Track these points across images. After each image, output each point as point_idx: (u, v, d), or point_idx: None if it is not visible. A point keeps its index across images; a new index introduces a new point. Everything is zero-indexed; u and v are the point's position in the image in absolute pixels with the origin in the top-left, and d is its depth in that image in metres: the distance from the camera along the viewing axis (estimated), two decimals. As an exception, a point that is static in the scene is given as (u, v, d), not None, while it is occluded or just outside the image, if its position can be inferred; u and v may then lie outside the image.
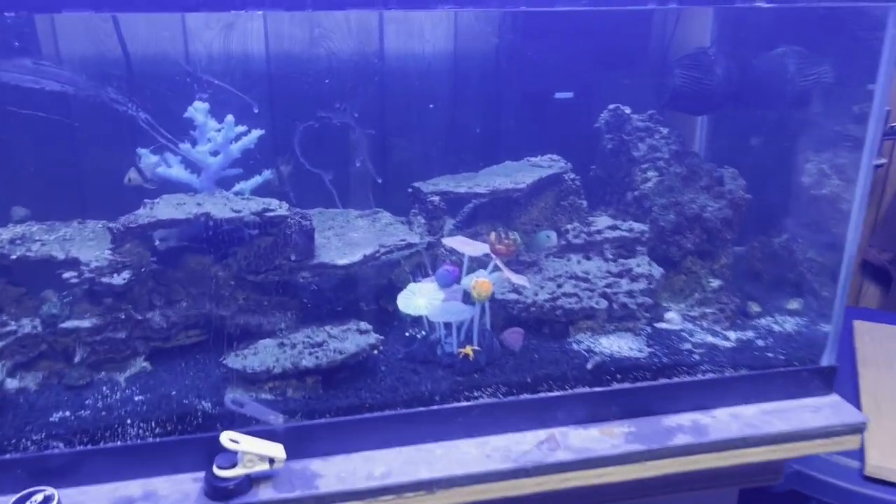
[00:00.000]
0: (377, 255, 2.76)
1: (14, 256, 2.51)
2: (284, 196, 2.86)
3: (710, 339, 2.88)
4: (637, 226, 2.98)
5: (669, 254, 3.08)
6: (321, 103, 3.07)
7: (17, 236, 2.61)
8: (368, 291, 2.95)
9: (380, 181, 3.17)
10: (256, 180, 2.88)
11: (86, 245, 2.63)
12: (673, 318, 2.94)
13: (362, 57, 3.43)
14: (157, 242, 2.79)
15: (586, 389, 2.58)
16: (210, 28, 3.21)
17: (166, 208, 2.61)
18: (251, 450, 2.23)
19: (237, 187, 2.86)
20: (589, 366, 2.66)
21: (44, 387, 2.50)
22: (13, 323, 2.52)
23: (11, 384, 2.42)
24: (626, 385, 2.62)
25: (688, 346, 2.84)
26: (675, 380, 2.67)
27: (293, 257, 2.68)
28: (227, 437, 2.22)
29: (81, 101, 2.72)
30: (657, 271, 2.93)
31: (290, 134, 3.29)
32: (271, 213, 2.64)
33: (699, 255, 3.12)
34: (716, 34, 3.42)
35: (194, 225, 2.65)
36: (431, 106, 3.45)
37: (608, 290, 2.86)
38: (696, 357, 2.75)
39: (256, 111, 2.83)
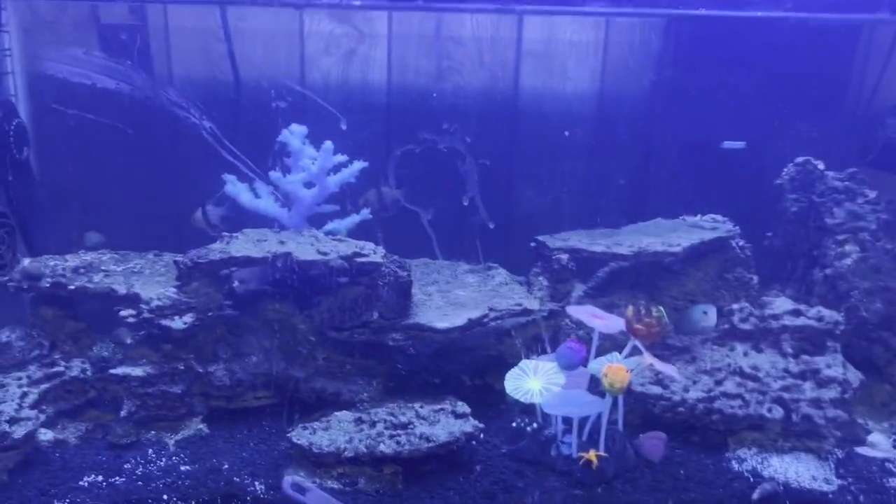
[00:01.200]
0: (485, 320, 2.28)
1: (72, 287, 2.24)
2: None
3: (928, 475, 2.15)
4: (828, 313, 2.32)
5: (872, 355, 2.38)
6: (427, 125, 2.69)
7: (83, 265, 2.35)
8: (472, 364, 2.46)
9: (492, 226, 2.70)
10: (353, 219, 2.50)
11: (153, 280, 2.33)
12: (879, 443, 2.23)
13: (494, 93, 3.03)
14: (235, 284, 2.46)
15: (751, 529, 1.95)
16: (330, 55, 2.94)
17: (243, 244, 2.26)
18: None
19: (329, 226, 2.49)
20: (755, 496, 2.01)
21: (86, 441, 2.18)
22: (63, 363, 2.24)
23: (46, 435, 2.11)
24: (807, 529, 1.96)
25: (895, 482, 2.12)
26: (878, 529, 1.97)
27: (384, 314, 2.24)
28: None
29: (166, 114, 2.49)
30: (854, 376, 2.24)
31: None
32: (362, 259, 2.24)
33: (913, 360, 2.40)
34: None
35: (275, 267, 2.30)
36: (567, 136, 2.97)
37: (785, 396, 2.21)
38: (910, 501, 2.03)
39: (344, 127, 2.48)
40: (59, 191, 2.78)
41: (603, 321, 2.13)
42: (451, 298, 2.42)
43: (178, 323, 2.17)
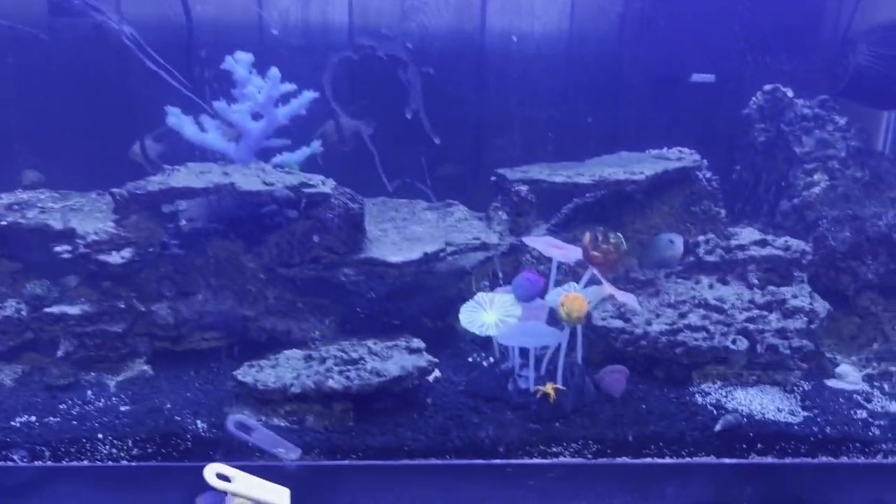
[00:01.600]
0: (442, 254, 2.20)
1: (4, 223, 2.13)
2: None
3: (894, 407, 2.11)
4: (795, 243, 2.26)
5: (840, 285, 2.33)
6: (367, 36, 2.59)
7: (17, 202, 2.24)
8: (430, 303, 2.39)
9: (437, 141, 2.59)
10: (304, 152, 2.39)
11: (92, 217, 2.23)
12: (847, 374, 2.17)
13: (459, 35, 2.93)
14: (182, 223, 2.36)
15: (711, 460, 1.89)
16: None
17: (185, 176, 2.16)
18: (244, 492, 1.70)
19: (277, 159, 2.39)
20: (718, 427, 1.96)
21: (21, 384, 2.09)
22: (-4, 303, 2.15)
23: (-19, 376, 2.03)
24: (770, 460, 1.91)
25: (863, 414, 2.07)
26: (843, 460, 1.93)
27: (335, 248, 2.16)
28: (213, 472, 1.70)
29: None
30: (822, 307, 2.19)
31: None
32: (310, 190, 2.14)
33: (882, 291, 2.34)
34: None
35: (218, 200, 2.20)
36: (535, 80, 2.89)
37: (750, 327, 2.15)
38: (876, 431, 1.99)
39: (276, 32, 2.37)
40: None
41: (561, 251, 2.06)
42: (407, 234, 2.34)
43: (115, 258, 2.07)
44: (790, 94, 2.50)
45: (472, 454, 1.89)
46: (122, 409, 1.99)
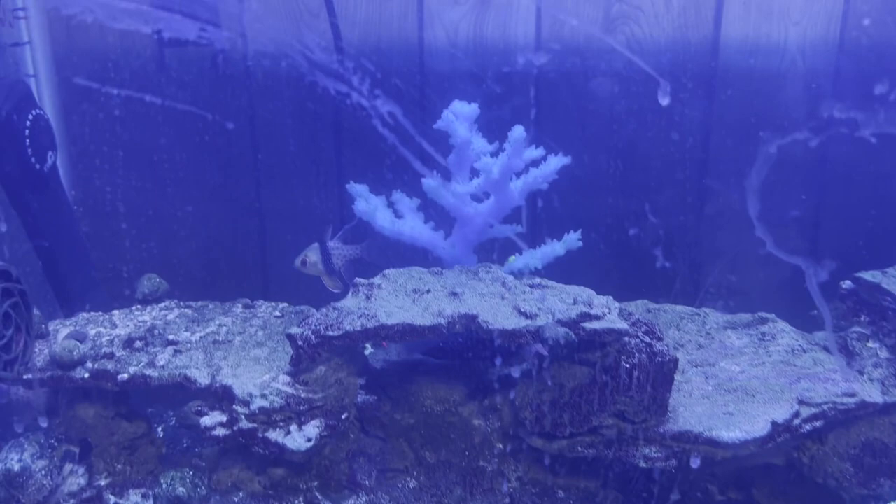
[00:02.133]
0: (796, 422, 1.37)
1: (125, 376, 1.40)
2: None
3: None
4: None
5: None
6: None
7: (139, 331, 1.51)
8: (762, 489, 1.55)
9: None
10: (553, 250, 1.58)
11: (250, 356, 1.48)
12: None
13: (682, 47, 2.12)
14: (368, 350, 1.60)
15: None
16: (458, 4, 2.07)
17: (393, 299, 1.40)
18: None
19: (515, 262, 1.59)
20: None
21: None
22: (112, 498, 1.41)
23: None
24: None
25: None
26: None
27: (629, 414, 1.35)
28: None
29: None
30: None
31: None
32: (594, 325, 1.35)
33: None
34: None
35: (451, 337, 1.43)
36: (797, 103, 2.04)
37: None
38: None
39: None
40: (100, 214, 1.96)
41: None
42: (720, 378, 1.51)
43: (297, 439, 1.31)
44: None
45: None
46: None
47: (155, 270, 1.73)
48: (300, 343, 1.34)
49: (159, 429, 1.66)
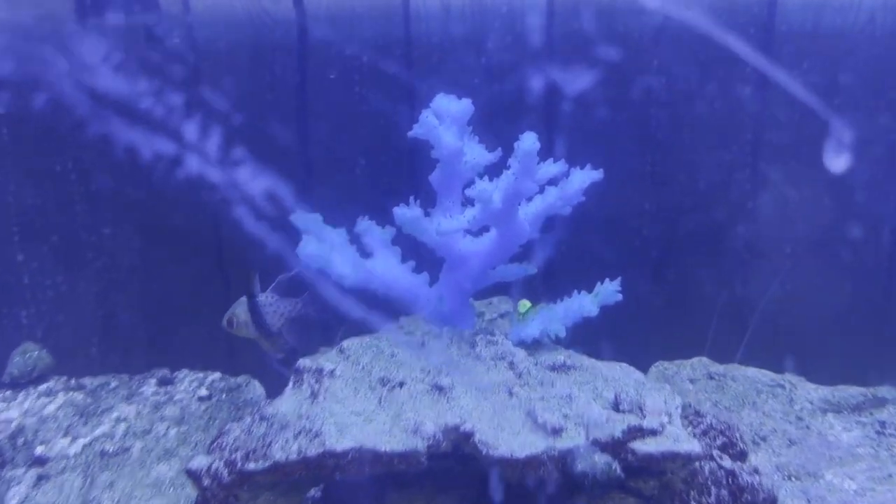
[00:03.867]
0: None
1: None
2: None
3: None
4: None
5: None
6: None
7: (16, 430, 1.08)
8: None
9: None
10: (582, 305, 1.12)
11: (147, 482, 1.05)
12: None
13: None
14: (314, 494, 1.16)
15: None
16: None
17: (350, 400, 0.96)
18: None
19: (523, 312, 1.13)
20: None
21: None
22: None
23: None
24: None
25: None
26: None
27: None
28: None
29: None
30: None
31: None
32: (649, 449, 0.90)
33: None
34: None
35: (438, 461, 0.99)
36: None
37: None
38: None
39: None
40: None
41: None
42: None
43: None
44: None
45: None
46: None
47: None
48: (206, 483, 0.90)
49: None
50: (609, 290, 1.14)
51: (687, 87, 1.60)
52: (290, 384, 1.03)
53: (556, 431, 0.92)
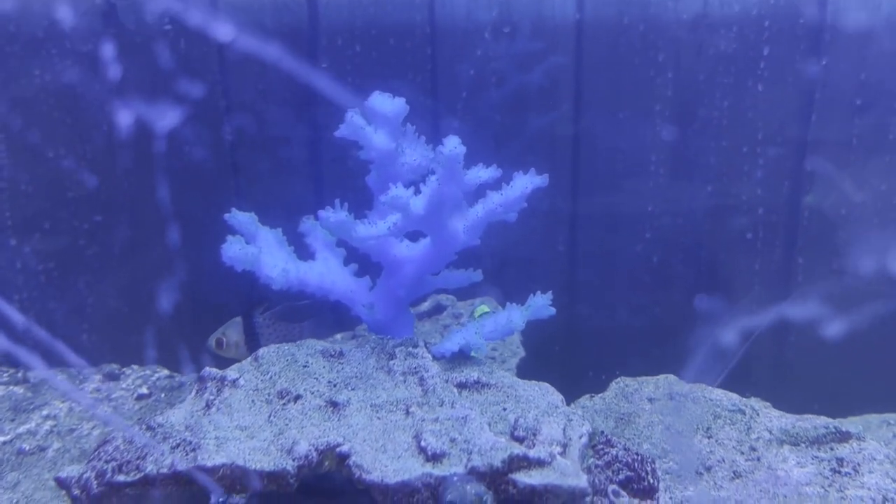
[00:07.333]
0: None
1: None
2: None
3: None
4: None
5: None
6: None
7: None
8: None
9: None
10: (509, 320, 1.07)
11: (50, 485, 1.07)
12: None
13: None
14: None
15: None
16: None
17: (247, 414, 0.96)
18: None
19: (478, 316, 1.09)
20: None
21: None
22: None
23: None
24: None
25: None
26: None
27: None
28: None
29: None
30: None
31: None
32: (531, 481, 0.85)
33: None
34: None
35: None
36: None
37: None
38: None
39: None
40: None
41: None
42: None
43: None
44: None
45: None
46: None
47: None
48: (76, 493, 0.92)
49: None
50: (539, 303, 1.08)
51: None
52: (193, 392, 1.04)
53: (437, 457, 0.88)
